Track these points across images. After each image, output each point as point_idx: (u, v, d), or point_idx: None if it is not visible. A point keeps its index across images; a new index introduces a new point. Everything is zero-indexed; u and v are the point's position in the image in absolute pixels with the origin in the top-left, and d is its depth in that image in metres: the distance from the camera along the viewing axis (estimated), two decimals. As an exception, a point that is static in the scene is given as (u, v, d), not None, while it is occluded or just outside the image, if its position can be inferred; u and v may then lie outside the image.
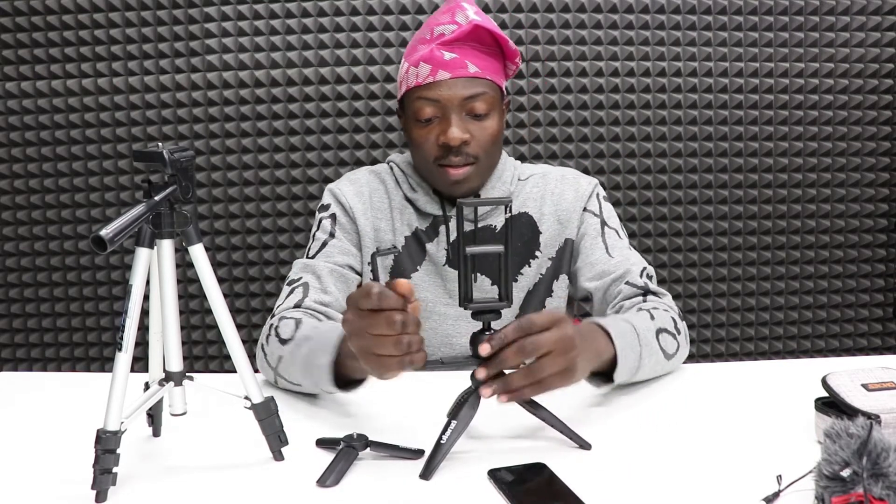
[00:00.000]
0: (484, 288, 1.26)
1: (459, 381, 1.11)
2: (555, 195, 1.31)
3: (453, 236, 1.28)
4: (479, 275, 1.27)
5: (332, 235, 1.28)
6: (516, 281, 1.29)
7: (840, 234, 2.23)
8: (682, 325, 1.15)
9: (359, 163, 2.12)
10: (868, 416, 0.81)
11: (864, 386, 0.87)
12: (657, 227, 2.19)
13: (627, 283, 1.20)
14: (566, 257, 1.30)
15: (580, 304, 1.41)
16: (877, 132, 2.19)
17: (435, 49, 1.17)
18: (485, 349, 0.82)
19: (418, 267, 1.29)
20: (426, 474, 0.82)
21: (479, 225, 1.28)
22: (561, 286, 1.31)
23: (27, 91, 2.08)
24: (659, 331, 1.08)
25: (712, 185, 2.19)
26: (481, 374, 0.83)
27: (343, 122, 2.10)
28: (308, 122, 2.10)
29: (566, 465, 0.82)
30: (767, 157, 2.19)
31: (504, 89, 1.26)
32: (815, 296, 2.26)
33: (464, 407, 0.85)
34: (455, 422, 0.84)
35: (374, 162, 2.11)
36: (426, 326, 1.28)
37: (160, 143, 0.82)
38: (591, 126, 2.14)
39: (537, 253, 1.30)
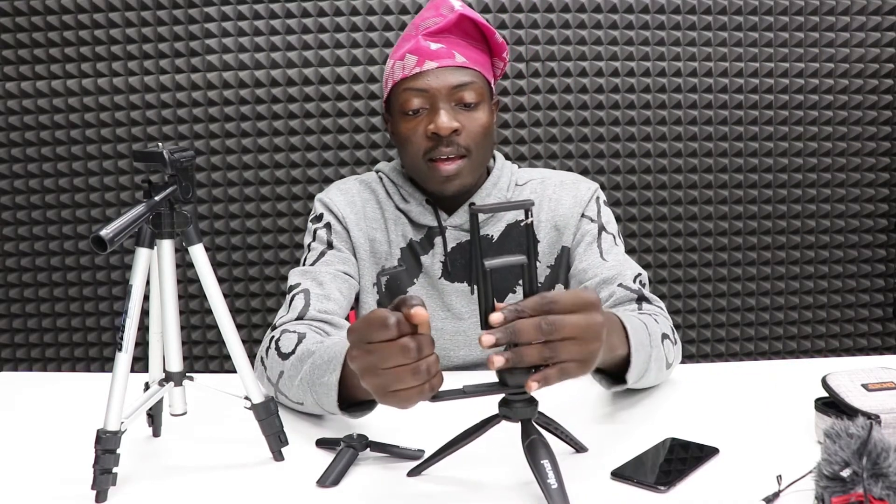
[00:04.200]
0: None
1: (460, 380, 1.11)
2: (552, 201, 1.26)
3: (450, 247, 1.22)
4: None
5: (329, 245, 1.23)
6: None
7: (840, 234, 2.23)
8: (677, 336, 1.11)
9: (358, 163, 2.12)
10: (868, 416, 0.81)
11: (864, 386, 0.87)
12: (657, 228, 2.19)
13: (620, 285, 1.15)
14: (563, 265, 1.26)
15: None
16: (877, 132, 2.19)
17: (421, 39, 1.14)
18: (496, 318, 0.71)
19: (415, 280, 1.23)
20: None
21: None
22: None
23: (27, 91, 2.08)
24: (663, 336, 1.02)
25: (712, 186, 2.19)
26: (488, 339, 0.70)
27: (343, 122, 2.10)
28: (308, 123, 2.10)
29: (566, 465, 0.82)
30: (767, 157, 2.19)
31: (493, 87, 1.21)
32: (815, 296, 2.26)
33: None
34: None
35: (374, 161, 2.11)
36: None
37: (160, 143, 0.82)
38: (591, 126, 2.14)
39: (535, 262, 1.24)
